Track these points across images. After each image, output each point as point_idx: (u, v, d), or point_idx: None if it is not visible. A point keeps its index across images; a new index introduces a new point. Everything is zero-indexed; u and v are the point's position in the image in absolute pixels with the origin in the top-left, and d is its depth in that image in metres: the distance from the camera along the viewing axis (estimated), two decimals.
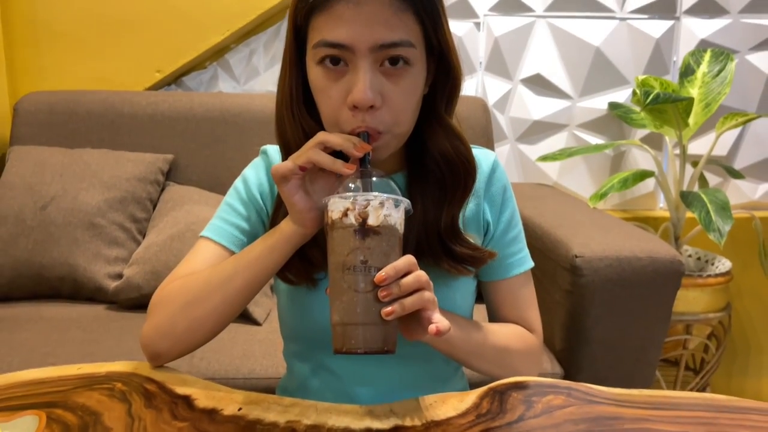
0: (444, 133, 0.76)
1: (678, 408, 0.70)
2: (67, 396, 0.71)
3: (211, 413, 0.67)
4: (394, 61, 0.68)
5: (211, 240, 0.80)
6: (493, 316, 0.87)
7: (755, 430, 0.66)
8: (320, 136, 0.67)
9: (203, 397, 0.70)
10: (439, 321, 0.63)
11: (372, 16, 0.66)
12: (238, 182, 0.84)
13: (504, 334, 0.82)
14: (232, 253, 0.79)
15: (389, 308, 0.61)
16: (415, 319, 0.64)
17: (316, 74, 0.70)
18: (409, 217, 0.67)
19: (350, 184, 0.66)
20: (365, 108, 0.67)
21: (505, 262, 0.83)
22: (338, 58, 0.68)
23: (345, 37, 0.66)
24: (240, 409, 0.68)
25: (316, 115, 0.74)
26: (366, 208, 0.63)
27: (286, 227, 0.71)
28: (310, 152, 0.66)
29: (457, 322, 0.74)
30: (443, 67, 0.74)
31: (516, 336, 0.83)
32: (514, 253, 0.84)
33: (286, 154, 0.76)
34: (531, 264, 0.86)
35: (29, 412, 0.67)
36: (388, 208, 0.64)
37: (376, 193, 0.64)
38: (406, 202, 0.66)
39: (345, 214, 0.63)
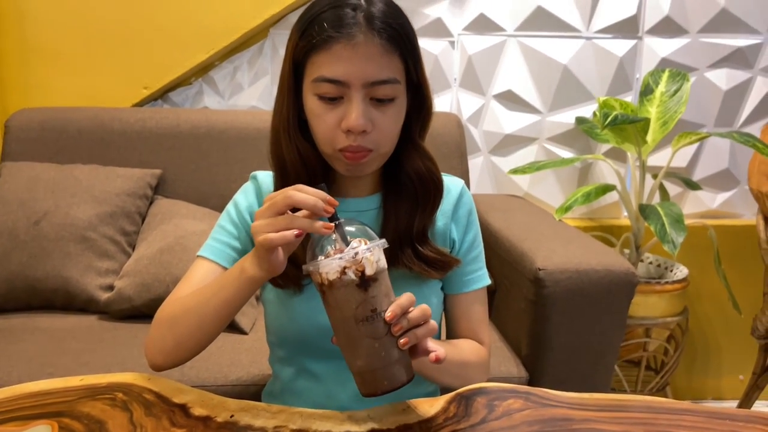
0: (418, 155, 0.87)
1: (622, 410, 0.78)
2: (73, 406, 0.76)
3: (206, 420, 0.73)
4: (381, 99, 0.79)
5: (207, 259, 0.87)
6: (451, 328, 0.97)
7: (689, 429, 0.74)
8: (288, 197, 0.69)
9: (198, 405, 0.76)
10: (437, 349, 0.72)
11: (366, 57, 0.77)
12: (229, 206, 0.92)
13: (464, 349, 0.92)
14: (225, 269, 0.87)
15: (404, 339, 0.68)
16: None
17: (313, 103, 0.80)
18: (384, 228, 0.74)
19: (325, 244, 0.69)
20: (358, 132, 0.78)
21: (465, 277, 0.94)
22: (334, 90, 0.77)
23: (342, 74, 0.77)
24: (232, 416, 0.74)
25: (309, 138, 0.83)
26: (361, 261, 0.66)
27: (252, 271, 0.74)
28: (292, 221, 0.68)
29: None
30: (418, 99, 0.85)
31: (473, 350, 0.93)
32: (474, 270, 0.95)
33: (280, 173, 0.86)
34: (488, 281, 0.96)
35: (41, 422, 0.73)
36: (376, 253, 0.67)
37: (355, 243, 0.67)
38: (382, 242, 0.69)
39: (343, 272, 0.66)
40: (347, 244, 0.68)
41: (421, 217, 0.87)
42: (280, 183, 0.85)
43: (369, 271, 0.66)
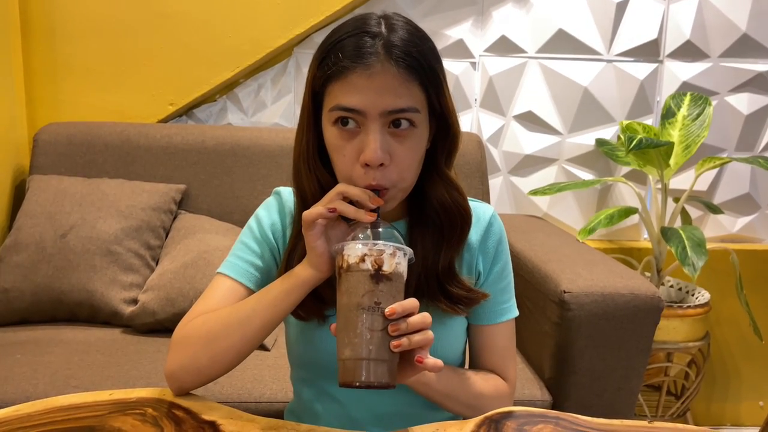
0: (443, 185, 0.83)
1: None
2: (104, 420, 0.76)
3: None
4: (400, 124, 0.76)
5: (228, 276, 0.86)
6: (474, 358, 0.93)
7: None
8: (341, 187, 0.74)
9: (228, 422, 0.76)
10: (434, 360, 0.71)
11: (382, 86, 0.74)
12: (251, 221, 0.90)
13: (478, 379, 0.88)
14: (247, 288, 0.85)
15: (397, 341, 0.68)
16: (405, 360, 0.71)
17: (331, 133, 0.78)
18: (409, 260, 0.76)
19: (360, 234, 0.72)
20: (375, 166, 0.75)
21: (492, 309, 0.90)
22: (350, 120, 0.76)
23: (358, 103, 0.75)
24: None
25: (329, 168, 0.82)
26: (381, 255, 0.70)
27: (303, 272, 0.77)
28: (335, 202, 0.73)
29: None
30: (444, 127, 0.82)
31: (489, 382, 0.89)
32: (502, 302, 0.91)
33: (302, 203, 0.84)
34: (516, 313, 0.92)
35: None
36: (398, 257, 0.71)
37: (385, 242, 0.71)
38: (409, 252, 0.73)
39: (362, 259, 0.69)
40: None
41: (446, 252, 0.84)
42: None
43: (386, 268, 0.69)
